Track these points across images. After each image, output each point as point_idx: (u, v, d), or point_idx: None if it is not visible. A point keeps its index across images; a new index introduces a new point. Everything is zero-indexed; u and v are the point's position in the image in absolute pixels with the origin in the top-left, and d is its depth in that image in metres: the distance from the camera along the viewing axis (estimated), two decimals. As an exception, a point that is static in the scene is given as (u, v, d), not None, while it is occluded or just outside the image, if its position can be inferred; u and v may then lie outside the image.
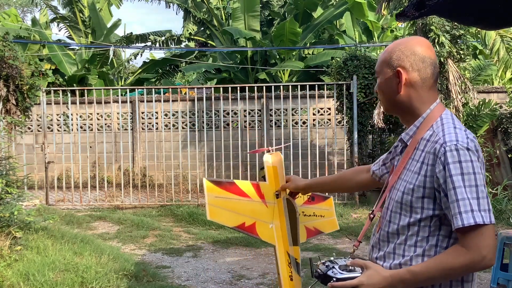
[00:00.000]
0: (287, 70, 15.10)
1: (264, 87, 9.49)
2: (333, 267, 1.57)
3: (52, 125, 11.01)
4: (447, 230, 1.52)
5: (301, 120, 10.78)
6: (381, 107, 8.20)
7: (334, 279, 1.54)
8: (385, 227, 1.63)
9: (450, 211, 1.45)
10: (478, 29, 7.87)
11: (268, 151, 2.48)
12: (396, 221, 1.59)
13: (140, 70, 16.96)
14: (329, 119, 11.13)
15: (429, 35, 7.16)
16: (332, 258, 1.62)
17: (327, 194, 2.87)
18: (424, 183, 1.52)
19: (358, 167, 2.15)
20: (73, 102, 10.95)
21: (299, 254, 2.38)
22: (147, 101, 10.63)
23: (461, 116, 7.28)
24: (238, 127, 10.03)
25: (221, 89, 10.54)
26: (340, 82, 9.16)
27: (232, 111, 11.28)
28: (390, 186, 1.66)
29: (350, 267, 1.57)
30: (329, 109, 11.02)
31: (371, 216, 1.74)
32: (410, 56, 1.60)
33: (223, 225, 2.49)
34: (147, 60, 17.06)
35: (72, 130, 11.17)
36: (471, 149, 1.47)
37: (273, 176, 2.41)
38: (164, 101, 11.05)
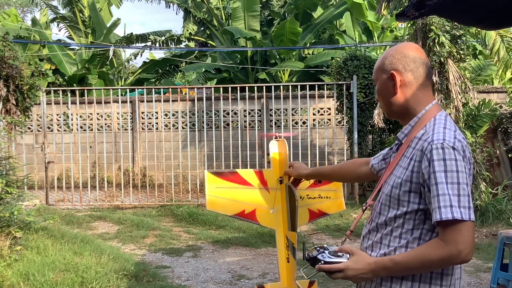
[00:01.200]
0: (287, 70, 15.10)
1: (264, 87, 9.49)
2: (323, 251, 1.67)
3: (52, 125, 11.01)
4: (431, 224, 1.58)
5: (301, 120, 10.78)
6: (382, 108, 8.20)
7: (322, 261, 1.64)
8: (375, 218, 1.72)
9: (431, 205, 1.52)
10: (478, 29, 7.86)
11: (276, 137, 2.57)
12: (385, 213, 1.68)
13: (140, 70, 16.95)
14: (329, 119, 11.13)
15: (429, 35, 7.16)
16: (325, 245, 1.73)
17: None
18: (411, 178, 1.59)
19: (358, 159, 2.24)
20: (73, 102, 10.95)
21: (295, 240, 2.49)
22: (147, 101, 10.63)
23: (461, 116, 7.27)
24: (238, 127, 10.03)
25: (221, 89, 10.53)
26: (340, 82, 9.16)
27: (232, 111, 11.28)
28: (383, 181, 1.75)
29: (339, 253, 1.66)
30: (329, 109, 11.02)
31: (364, 208, 1.85)
32: (401, 59, 1.71)
33: (223, 213, 2.63)
34: (147, 60, 17.07)
35: (72, 130, 11.17)
36: (456, 149, 1.54)
37: (278, 163, 2.51)
38: (164, 101, 11.05)
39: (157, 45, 16.57)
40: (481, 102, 7.56)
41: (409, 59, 1.70)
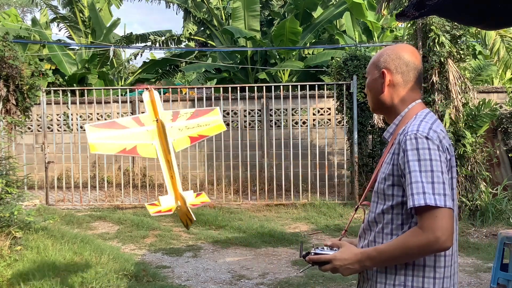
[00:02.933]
0: (287, 70, 15.09)
1: (264, 87, 9.49)
2: (317, 247, 1.78)
3: (52, 125, 11.00)
4: None
5: (301, 120, 10.77)
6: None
7: (313, 253, 1.75)
8: (367, 216, 1.77)
9: (407, 193, 1.56)
10: (478, 29, 7.86)
11: (147, 89, 3.21)
12: (373, 209, 1.72)
13: (140, 70, 16.95)
14: (329, 119, 11.13)
15: (429, 35, 7.15)
16: (320, 244, 1.84)
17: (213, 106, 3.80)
18: (392, 171, 1.64)
19: None
20: (73, 102, 10.95)
21: (174, 158, 3.23)
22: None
23: (461, 116, 7.27)
24: (238, 127, 10.03)
25: (221, 89, 10.54)
26: (340, 82, 9.16)
27: (232, 111, 11.27)
28: (373, 180, 1.80)
29: (330, 248, 1.76)
30: (329, 109, 11.02)
31: (356, 207, 1.92)
32: (395, 59, 1.75)
33: (107, 153, 3.55)
34: (147, 60, 17.06)
35: (72, 130, 11.17)
36: (430, 138, 1.58)
37: (152, 107, 3.12)
38: (164, 101, 11.03)
39: (157, 45, 16.56)
40: (481, 102, 7.55)
41: (403, 61, 1.74)
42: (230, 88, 9.35)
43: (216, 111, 3.39)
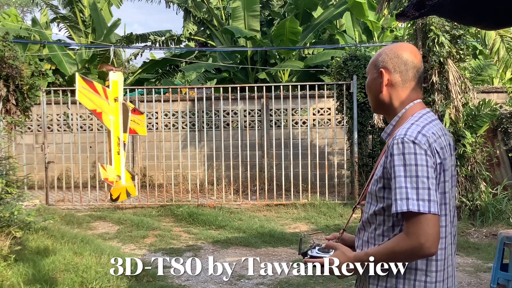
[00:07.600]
0: (287, 70, 15.09)
1: (264, 87, 9.49)
2: (314, 247, 1.81)
3: (52, 125, 11.01)
4: None
5: (301, 120, 10.77)
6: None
7: (309, 255, 1.79)
8: (363, 217, 1.78)
9: (392, 198, 1.57)
10: (478, 29, 7.86)
11: (111, 70, 3.71)
12: (367, 210, 1.73)
13: (140, 70, 16.94)
14: (329, 119, 11.13)
15: (429, 35, 7.15)
16: (319, 243, 1.87)
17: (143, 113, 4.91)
18: (383, 174, 1.64)
19: None
20: (73, 102, 10.94)
21: (127, 138, 3.66)
22: (147, 101, 10.62)
23: (461, 116, 7.27)
24: (238, 127, 10.03)
25: (221, 89, 10.54)
26: (340, 82, 9.16)
27: (232, 111, 11.28)
28: (369, 181, 1.80)
29: (326, 249, 1.79)
30: (329, 109, 11.02)
31: (354, 207, 1.93)
32: (393, 58, 1.73)
33: (84, 106, 3.89)
34: (147, 60, 17.06)
35: (72, 130, 11.17)
36: (417, 143, 1.56)
37: (114, 87, 3.65)
38: (164, 101, 11.04)
39: (157, 45, 16.57)
40: (481, 102, 7.55)
41: (401, 60, 1.73)
42: (230, 88, 9.35)
43: (143, 116, 4.36)
